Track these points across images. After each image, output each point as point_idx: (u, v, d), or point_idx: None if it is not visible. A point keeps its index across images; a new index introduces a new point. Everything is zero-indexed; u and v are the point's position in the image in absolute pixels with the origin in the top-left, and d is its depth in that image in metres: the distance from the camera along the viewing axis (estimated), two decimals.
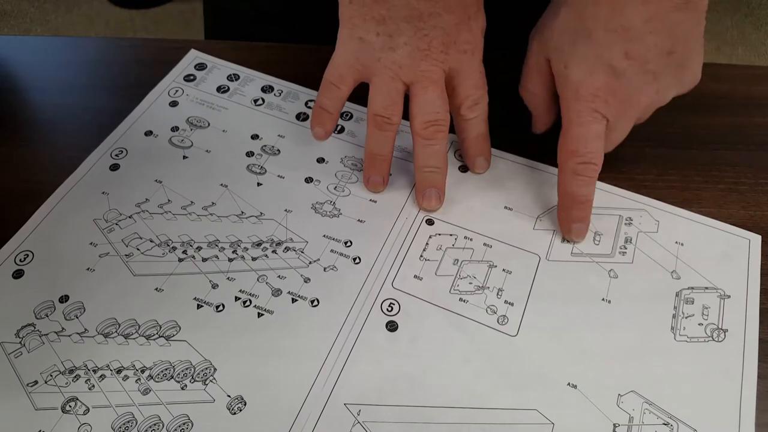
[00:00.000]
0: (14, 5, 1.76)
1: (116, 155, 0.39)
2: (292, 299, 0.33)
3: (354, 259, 0.35)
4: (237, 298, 0.33)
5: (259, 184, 0.38)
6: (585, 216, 0.36)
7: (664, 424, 0.29)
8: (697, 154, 0.41)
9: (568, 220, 0.35)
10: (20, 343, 0.31)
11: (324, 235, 0.36)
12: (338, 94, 0.37)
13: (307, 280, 0.34)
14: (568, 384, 0.30)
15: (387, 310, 0.33)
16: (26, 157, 0.41)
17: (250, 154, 0.40)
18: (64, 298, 0.33)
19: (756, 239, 0.36)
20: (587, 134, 0.34)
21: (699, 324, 0.33)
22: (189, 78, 0.44)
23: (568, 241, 0.36)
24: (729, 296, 0.34)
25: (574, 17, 0.33)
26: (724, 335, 0.32)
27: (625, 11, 0.31)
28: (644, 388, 0.30)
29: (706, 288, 0.34)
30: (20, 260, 0.34)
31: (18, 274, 0.34)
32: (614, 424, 0.29)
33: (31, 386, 0.30)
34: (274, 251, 0.35)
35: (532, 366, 0.31)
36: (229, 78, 0.44)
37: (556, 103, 0.37)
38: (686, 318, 0.33)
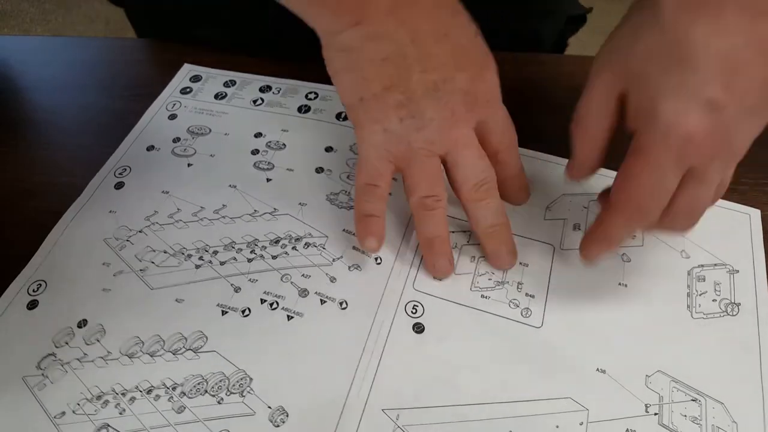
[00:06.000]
0: (14, 5, 1.75)
1: (120, 173, 0.39)
2: (321, 300, 0.33)
3: (376, 260, 0.35)
4: (263, 301, 0.33)
5: (268, 180, 0.38)
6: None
7: (692, 400, 0.30)
8: None
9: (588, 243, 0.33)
10: (42, 374, 0.30)
11: (344, 230, 0.36)
12: (379, 193, 0.33)
13: (333, 279, 0.34)
14: (597, 369, 0.31)
15: (411, 312, 0.33)
16: (25, 156, 0.40)
17: (255, 152, 0.39)
18: (82, 323, 0.32)
19: (756, 213, 0.37)
20: (661, 188, 0.28)
21: (713, 300, 0.34)
22: (185, 91, 0.44)
23: (578, 229, 0.37)
24: (737, 271, 0.35)
25: (667, 40, 0.26)
26: (738, 309, 0.33)
27: (729, 30, 0.25)
28: (669, 367, 0.31)
29: (715, 264, 0.35)
30: (33, 290, 0.33)
31: (32, 305, 0.33)
32: (646, 405, 0.30)
33: (59, 418, 0.29)
34: (294, 248, 0.35)
35: (561, 355, 0.32)
36: (226, 84, 0.44)
37: (609, 146, 0.31)
38: (700, 295, 0.34)
